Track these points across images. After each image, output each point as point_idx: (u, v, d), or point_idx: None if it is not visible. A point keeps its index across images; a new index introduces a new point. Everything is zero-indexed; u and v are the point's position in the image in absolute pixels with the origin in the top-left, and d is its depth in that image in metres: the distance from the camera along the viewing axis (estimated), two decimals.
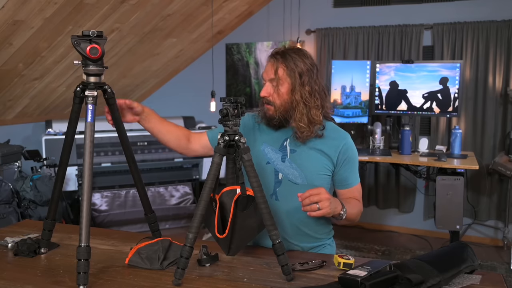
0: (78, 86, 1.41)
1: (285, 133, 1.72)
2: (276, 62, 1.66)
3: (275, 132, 1.73)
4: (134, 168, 1.60)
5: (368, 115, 4.06)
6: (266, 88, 1.68)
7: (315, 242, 1.75)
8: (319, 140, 1.69)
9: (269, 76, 1.67)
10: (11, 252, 1.55)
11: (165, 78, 5.31)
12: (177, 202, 4.52)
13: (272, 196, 1.69)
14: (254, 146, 1.72)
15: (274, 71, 1.65)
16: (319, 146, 1.69)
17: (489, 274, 1.37)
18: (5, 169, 3.47)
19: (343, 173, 1.71)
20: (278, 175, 1.69)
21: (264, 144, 1.73)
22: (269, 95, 1.67)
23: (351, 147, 1.72)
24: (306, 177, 1.67)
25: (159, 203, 4.41)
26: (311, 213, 1.46)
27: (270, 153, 1.72)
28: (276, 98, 1.66)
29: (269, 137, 1.74)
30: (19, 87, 3.69)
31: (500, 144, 4.11)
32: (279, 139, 1.72)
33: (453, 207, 3.30)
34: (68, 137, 1.48)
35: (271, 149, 1.72)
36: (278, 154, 1.70)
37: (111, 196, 4.26)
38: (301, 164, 1.68)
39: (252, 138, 1.76)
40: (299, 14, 4.67)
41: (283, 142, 1.71)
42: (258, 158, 1.71)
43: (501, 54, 4.02)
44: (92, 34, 1.35)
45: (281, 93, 1.65)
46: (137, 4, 3.44)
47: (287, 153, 1.70)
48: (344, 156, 1.70)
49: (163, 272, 1.39)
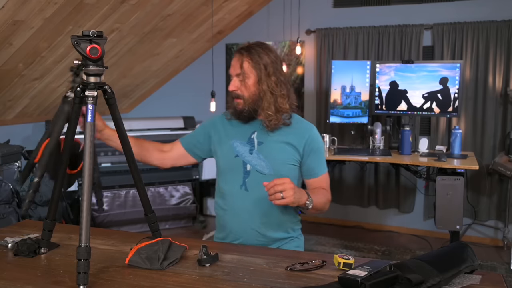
0: (78, 86, 1.41)
1: (252, 127, 1.81)
2: (241, 56, 1.76)
3: (243, 126, 1.82)
4: (134, 168, 1.60)
5: (368, 115, 4.06)
6: (234, 82, 1.77)
7: (282, 233, 1.82)
8: (285, 131, 1.78)
9: (236, 71, 1.76)
10: (11, 252, 1.55)
11: (165, 78, 5.32)
12: (177, 202, 4.52)
13: (242, 187, 1.78)
14: (224, 142, 1.83)
15: (240, 65, 1.75)
16: (285, 138, 1.78)
17: (489, 274, 1.37)
18: (5, 169, 3.47)
19: (310, 163, 1.80)
20: (247, 167, 1.78)
21: (233, 139, 1.82)
22: (237, 89, 1.77)
23: (317, 138, 1.82)
24: (273, 167, 1.75)
25: (159, 203, 4.41)
26: (275, 201, 1.53)
27: (238, 146, 1.80)
28: (244, 91, 1.76)
29: (238, 131, 1.82)
30: (19, 87, 3.69)
31: (500, 144, 4.11)
32: (247, 133, 1.81)
33: (453, 207, 3.30)
34: (68, 137, 1.48)
35: (240, 142, 1.80)
36: (246, 147, 1.79)
37: (111, 196, 4.26)
38: (268, 155, 1.76)
39: (223, 134, 1.85)
40: (299, 14, 4.67)
41: (251, 135, 1.80)
42: (228, 152, 1.81)
43: (501, 54, 4.02)
44: (92, 34, 1.34)
45: (248, 86, 1.75)
46: (137, 4, 3.44)
47: (255, 145, 1.78)
48: (310, 146, 1.79)
49: (163, 272, 1.39)
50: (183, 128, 4.68)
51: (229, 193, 1.81)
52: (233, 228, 1.81)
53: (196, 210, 4.58)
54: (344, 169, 4.62)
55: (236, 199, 1.79)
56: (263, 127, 1.78)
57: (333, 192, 1.88)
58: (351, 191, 4.65)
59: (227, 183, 1.83)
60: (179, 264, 1.45)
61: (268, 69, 1.74)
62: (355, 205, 4.69)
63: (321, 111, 4.69)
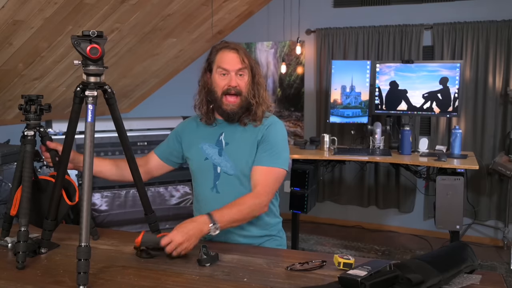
0: (78, 86, 1.41)
1: (220, 128, 1.79)
2: (239, 52, 1.72)
3: (211, 129, 1.79)
4: (134, 168, 1.60)
5: (368, 115, 4.05)
6: (234, 78, 1.71)
7: (261, 230, 1.76)
8: (251, 129, 1.75)
9: (235, 66, 1.71)
10: (11, 252, 1.55)
11: (165, 78, 5.31)
12: (177, 202, 4.51)
13: (213, 189, 1.76)
14: (194, 145, 1.80)
15: (240, 60, 1.71)
16: (251, 135, 1.75)
17: (489, 274, 1.37)
18: (5, 169, 3.47)
19: (259, 151, 1.72)
20: (217, 169, 1.76)
21: (202, 142, 1.79)
22: (238, 85, 1.72)
23: (274, 130, 1.76)
24: (237, 168, 1.73)
25: (159, 203, 4.40)
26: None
27: (208, 149, 1.78)
28: (244, 87, 1.73)
29: (206, 134, 1.80)
30: (19, 87, 3.69)
31: (500, 144, 4.11)
32: (215, 135, 1.78)
33: (453, 207, 3.30)
34: (68, 137, 1.49)
35: (209, 145, 1.78)
36: (215, 149, 1.77)
37: (111, 196, 4.26)
38: (233, 156, 1.74)
39: (193, 137, 1.83)
40: (299, 14, 4.67)
41: (219, 136, 1.78)
42: (197, 155, 1.79)
43: (501, 54, 4.02)
44: (92, 34, 1.35)
45: (248, 82, 1.73)
46: (137, 4, 3.44)
47: (223, 146, 1.76)
48: (264, 137, 1.73)
49: (163, 272, 1.39)
50: None
51: (202, 196, 1.80)
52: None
53: None
54: (344, 169, 4.62)
55: (208, 201, 1.76)
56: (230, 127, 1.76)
57: (333, 192, 1.86)
58: (351, 191, 4.65)
59: (199, 186, 1.81)
60: (179, 264, 1.45)
61: (258, 67, 1.77)
62: (355, 205, 4.69)
63: (321, 111, 4.69)
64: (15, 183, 1.59)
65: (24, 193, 1.49)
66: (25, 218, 1.47)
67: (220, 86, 1.72)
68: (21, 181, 1.53)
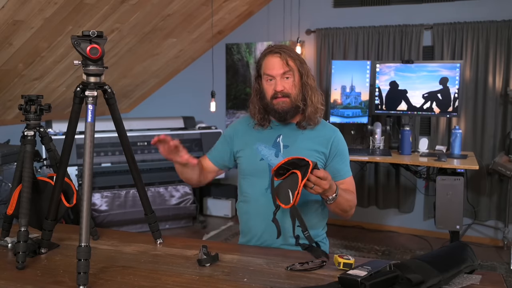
0: (78, 86, 1.41)
1: (277, 130, 1.81)
2: (282, 55, 1.72)
3: (266, 131, 1.82)
4: (134, 168, 1.60)
5: (368, 115, 4.05)
6: (280, 82, 1.72)
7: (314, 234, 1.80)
8: (310, 135, 1.78)
9: (279, 70, 1.72)
10: (11, 252, 1.55)
11: (165, 78, 5.32)
12: (177, 202, 4.51)
13: (267, 190, 1.74)
14: (248, 146, 1.82)
15: (285, 63, 1.72)
16: (311, 142, 1.77)
17: (489, 274, 1.37)
18: (5, 169, 3.47)
19: (335, 165, 1.78)
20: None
21: (258, 143, 1.81)
22: (284, 88, 1.73)
23: (342, 141, 1.82)
24: None
25: (159, 203, 4.40)
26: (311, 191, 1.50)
27: (263, 150, 1.79)
28: (291, 89, 1.74)
29: (261, 135, 1.82)
30: (19, 87, 3.69)
31: (500, 144, 4.11)
32: (271, 137, 1.81)
33: (453, 207, 3.30)
34: (68, 137, 1.49)
35: (265, 146, 1.80)
36: (271, 151, 1.78)
37: (111, 196, 4.26)
38: None
39: (247, 138, 1.84)
40: (299, 14, 4.67)
41: (276, 139, 1.80)
42: (252, 156, 1.80)
43: (501, 54, 4.02)
44: (92, 34, 1.35)
45: (296, 83, 1.74)
46: (137, 4, 3.44)
47: (281, 148, 1.78)
48: (335, 149, 1.78)
49: (163, 272, 1.39)
50: (183, 128, 4.68)
51: (254, 197, 1.78)
52: (257, 231, 1.77)
53: (196, 210, 4.58)
54: None
55: (260, 202, 1.75)
56: (288, 132, 1.78)
57: None
58: None
59: (251, 187, 1.80)
60: (179, 264, 1.45)
61: (304, 65, 1.76)
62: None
63: None
64: (15, 183, 1.59)
65: (24, 193, 1.49)
66: (25, 218, 1.47)
67: (268, 92, 1.76)
68: (21, 181, 1.53)
